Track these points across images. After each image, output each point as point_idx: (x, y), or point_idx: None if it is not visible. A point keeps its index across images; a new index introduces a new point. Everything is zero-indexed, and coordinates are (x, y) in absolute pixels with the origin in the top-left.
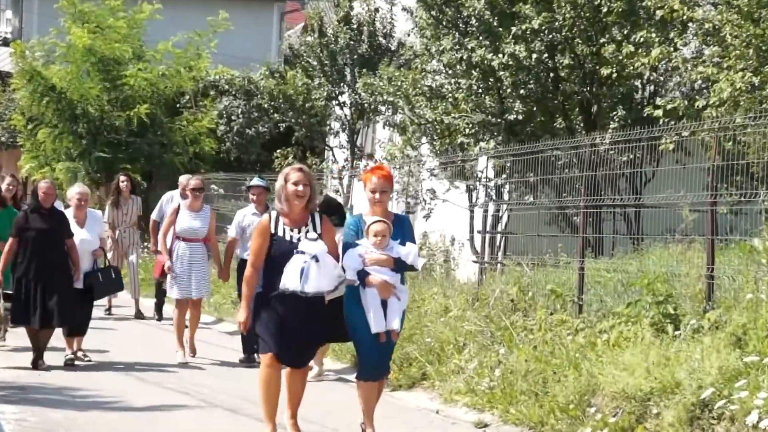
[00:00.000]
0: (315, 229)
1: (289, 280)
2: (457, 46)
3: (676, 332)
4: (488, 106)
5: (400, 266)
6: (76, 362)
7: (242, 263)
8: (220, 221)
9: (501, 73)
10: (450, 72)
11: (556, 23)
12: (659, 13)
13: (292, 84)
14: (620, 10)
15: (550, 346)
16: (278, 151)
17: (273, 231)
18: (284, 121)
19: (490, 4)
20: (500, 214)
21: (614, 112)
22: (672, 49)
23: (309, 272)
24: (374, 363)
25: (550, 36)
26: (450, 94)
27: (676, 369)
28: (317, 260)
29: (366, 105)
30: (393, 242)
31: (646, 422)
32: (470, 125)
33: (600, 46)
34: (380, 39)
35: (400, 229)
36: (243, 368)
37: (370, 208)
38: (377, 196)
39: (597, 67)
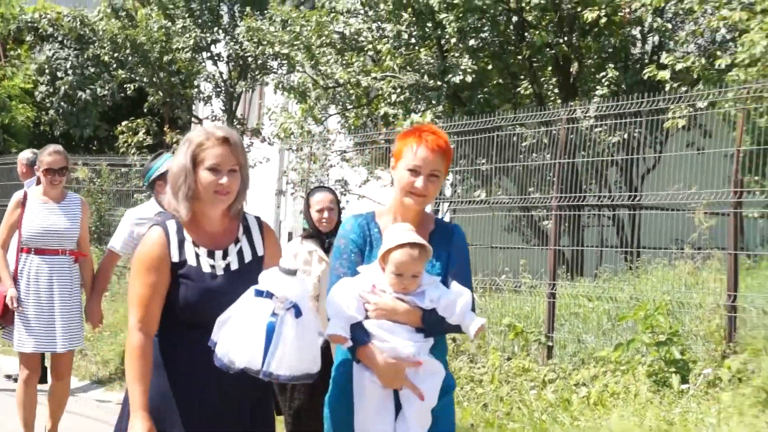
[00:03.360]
0: (253, 248)
1: (239, 347)
2: None
3: (684, 386)
4: (424, 63)
5: (432, 325)
6: None
7: None
8: None
9: (442, 15)
10: (370, 14)
11: None
12: None
13: (145, 28)
14: None
15: (507, 405)
16: (124, 124)
17: (177, 259)
18: (133, 81)
19: None
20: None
21: (602, 73)
22: None
23: (283, 336)
24: None
25: None
26: (370, 46)
27: None
28: (297, 313)
29: (250, 59)
30: (427, 278)
31: None
32: (399, 90)
33: None
34: None
35: (444, 251)
36: None
37: (398, 205)
38: (419, 183)
39: (578, 9)
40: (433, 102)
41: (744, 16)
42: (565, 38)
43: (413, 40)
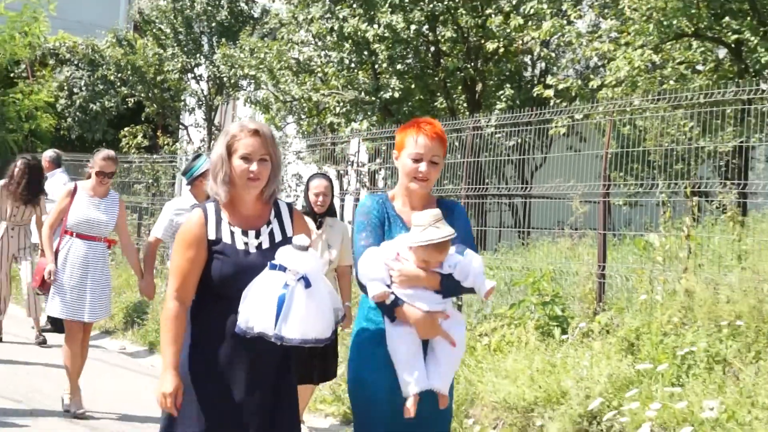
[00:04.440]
0: (283, 230)
1: (256, 314)
2: (328, 15)
3: (564, 336)
4: (361, 82)
5: (449, 288)
6: None
7: None
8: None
9: (376, 45)
10: (319, 44)
11: None
12: None
13: (142, 54)
14: None
15: None
16: (126, 129)
17: (213, 237)
18: (133, 96)
19: None
20: None
21: (501, 92)
22: (565, 22)
23: (293, 304)
24: None
25: (431, 5)
26: (319, 69)
27: (562, 377)
28: (307, 284)
29: (225, 79)
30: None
31: None
32: (341, 103)
33: (486, 18)
34: (242, 5)
35: (450, 224)
36: None
37: (404, 190)
38: (422, 168)
39: (482, 41)
40: (369, 113)
41: (611, 47)
42: (472, 64)
43: (353, 65)
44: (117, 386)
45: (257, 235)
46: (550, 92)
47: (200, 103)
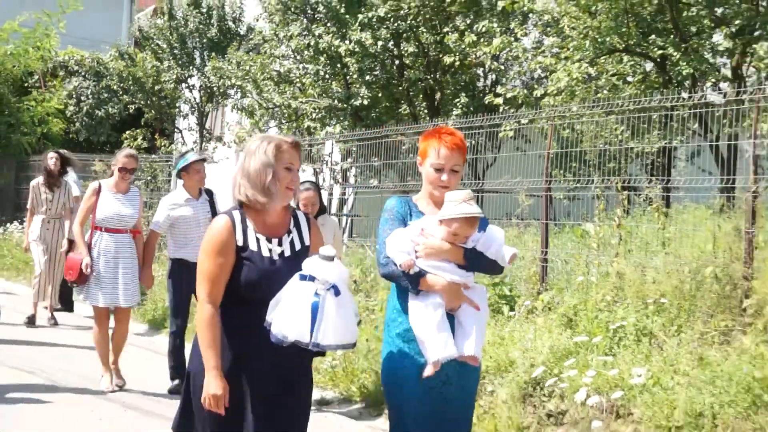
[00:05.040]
0: (302, 239)
1: (290, 324)
2: (305, 32)
3: (511, 313)
4: (335, 91)
5: (473, 260)
6: None
7: (175, 263)
8: None
9: (347, 59)
10: (298, 57)
11: (402, 12)
12: (501, 4)
13: (142, 66)
14: (463, 1)
15: None
16: (127, 132)
17: (241, 243)
18: (134, 103)
19: None
20: (346, 197)
21: (457, 99)
22: (513, 39)
23: (326, 312)
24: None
25: (396, 24)
26: (297, 80)
27: (510, 348)
28: (337, 292)
29: (215, 88)
30: None
31: (481, 399)
32: (317, 110)
33: (443, 35)
34: (229, 23)
35: None
36: None
37: (428, 194)
38: (444, 178)
39: (440, 56)
40: (341, 118)
41: (553, 61)
42: (431, 76)
43: (327, 76)
44: (123, 360)
45: (279, 243)
46: (499, 100)
47: (193, 109)
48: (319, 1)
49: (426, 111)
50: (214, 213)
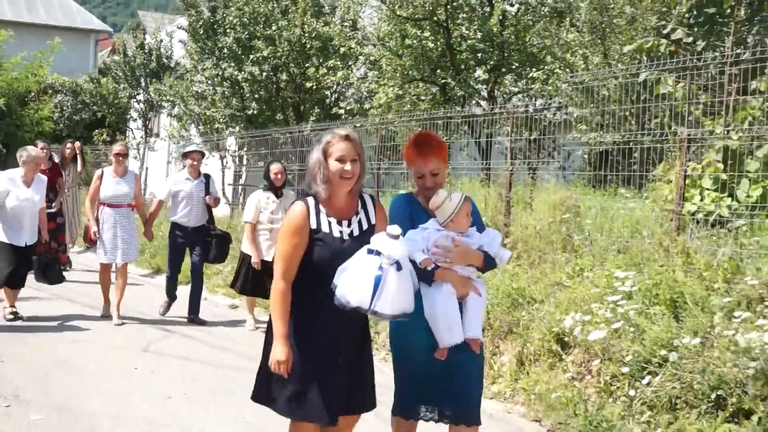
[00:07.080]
0: (368, 219)
1: (353, 291)
2: (215, 66)
3: None
4: (234, 104)
5: (488, 264)
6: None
7: (174, 227)
8: None
9: (243, 84)
10: (209, 82)
11: (278, 53)
12: (342, 49)
13: (105, 87)
14: (318, 46)
15: None
16: (96, 131)
17: (315, 226)
18: (100, 111)
19: (236, 40)
20: (241, 173)
21: (313, 110)
22: (350, 71)
23: (387, 284)
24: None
25: (274, 61)
26: (210, 97)
27: None
28: (398, 267)
29: (155, 102)
30: (471, 229)
31: None
32: (223, 117)
33: (306, 69)
34: (164, 60)
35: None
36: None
37: (421, 193)
38: (428, 183)
39: (304, 82)
40: (239, 122)
41: (375, 86)
42: (298, 95)
43: (229, 95)
44: (134, 293)
45: (348, 224)
46: (341, 111)
47: (140, 115)
48: (225, 46)
49: (294, 118)
50: (207, 192)
